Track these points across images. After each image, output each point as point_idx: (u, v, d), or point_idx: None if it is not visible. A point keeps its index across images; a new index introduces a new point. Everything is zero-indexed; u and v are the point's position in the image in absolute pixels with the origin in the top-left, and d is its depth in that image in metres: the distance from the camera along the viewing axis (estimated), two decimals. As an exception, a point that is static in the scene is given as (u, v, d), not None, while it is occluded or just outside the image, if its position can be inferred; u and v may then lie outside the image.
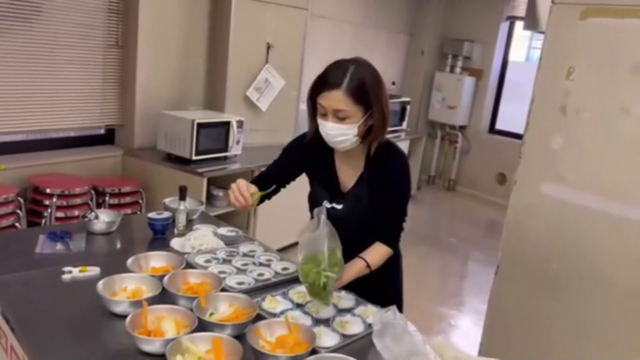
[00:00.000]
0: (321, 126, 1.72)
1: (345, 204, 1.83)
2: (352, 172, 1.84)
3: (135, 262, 1.81)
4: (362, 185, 1.81)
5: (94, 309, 1.61)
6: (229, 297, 1.64)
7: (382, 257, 1.81)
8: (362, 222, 1.82)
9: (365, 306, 1.76)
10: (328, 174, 1.88)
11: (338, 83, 1.65)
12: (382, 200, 1.79)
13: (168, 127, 3.78)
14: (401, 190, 1.82)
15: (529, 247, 2.39)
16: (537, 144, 2.34)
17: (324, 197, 1.87)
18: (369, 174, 1.81)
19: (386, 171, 1.79)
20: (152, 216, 2.22)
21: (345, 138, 1.70)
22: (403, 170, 1.81)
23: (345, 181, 1.86)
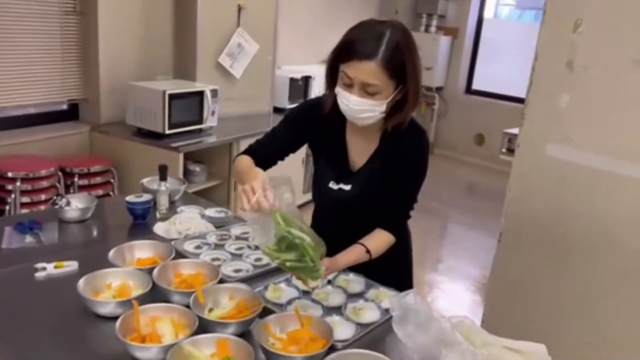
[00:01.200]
0: (342, 97, 1.49)
1: (354, 184, 1.64)
2: (365, 148, 1.64)
3: (118, 253, 1.62)
4: (375, 164, 1.62)
5: (77, 310, 1.43)
6: (229, 289, 1.47)
7: (384, 246, 1.62)
8: (373, 205, 1.63)
9: (377, 289, 1.61)
10: (337, 149, 1.67)
11: (372, 53, 1.40)
12: (393, 183, 1.61)
13: (137, 100, 3.51)
14: (417, 174, 1.62)
15: (534, 213, 2.28)
16: (542, 104, 2.21)
17: (330, 177, 1.67)
18: (384, 151, 1.62)
19: (404, 150, 1.59)
20: (131, 199, 2.01)
21: (371, 115, 1.49)
22: (423, 151, 1.62)
23: (356, 158, 1.66)
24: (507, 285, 2.41)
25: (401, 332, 1.36)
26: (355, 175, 1.65)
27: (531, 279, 2.32)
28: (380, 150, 1.62)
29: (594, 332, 2.16)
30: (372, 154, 1.63)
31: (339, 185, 1.65)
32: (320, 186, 1.69)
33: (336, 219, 1.63)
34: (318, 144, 1.72)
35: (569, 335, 2.21)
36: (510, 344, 1.32)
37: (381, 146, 1.62)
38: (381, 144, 1.62)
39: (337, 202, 1.65)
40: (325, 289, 1.59)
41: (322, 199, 1.70)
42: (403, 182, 1.61)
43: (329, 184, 1.66)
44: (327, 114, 1.60)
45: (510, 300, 2.40)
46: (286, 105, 4.82)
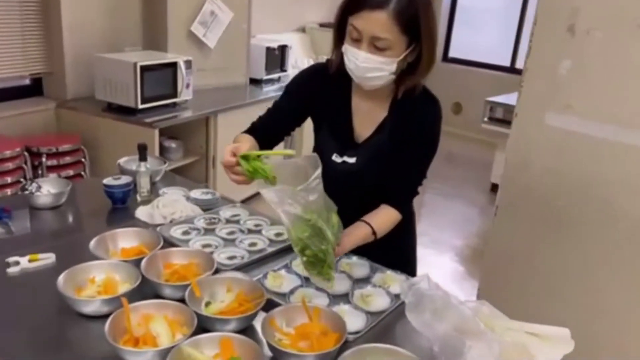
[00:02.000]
0: (349, 54, 1.37)
1: (359, 157, 1.52)
2: (372, 117, 1.52)
3: (99, 243, 1.47)
4: (383, 135, 1.50)
5: (57, 309, 1.29)
6: (227, 280, 1.34)
7: (390, 224, 1.51)
8: (380, 180, 1.52)
9: (384, 272, 1.51)
10: (341, 118, 1.54)
11: (383, 2, 1.29)
12: (402, 156, 1.49)
13: (106, 73, 3.29)
14: (428, 147, 1.51)
15: (532, 184, 2.20)
16: (541, 71, 2.11)
17: (332, 149, 1.54)
18: (393, 120, 1.50)
19: (415, 120, 1.47)
20: (109, 182, 1.85)
21: (380, 74, 1.38)
22: (435, 121, 1.50)
23: (361, 129, 1.54)
24: (504, 258, 2.35)
25: (416, 320, 1.27)
26: (360, 147, 1.52)
27: (528, 251, 2.27)
28: (389, 119, 1.50)
29: (594, 303, 2.13)
30: (379, 123, 1.51)
31: (343, 158, 1.53)
32: (321, 159, 1.56)
33: (339, 195, 1.51)
34: (320, 112, 1.58)
35: (568, 308, 2.17)
36: (532, 328, 1.25)
37: (390, 115, 1.50)
38: (390, 113, 1.50)
39: (341, 176, 1.52)
40: (328, 274, 1.48)
41: (324, 174, 1.57)
42: (412, 155, 1.49)
43: (332, 156, 1.53)
44: (332, 79, 1.49)
45: (507, 273, 2.34)
46: (263, 76, 4.63)
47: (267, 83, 4.73)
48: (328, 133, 1.55)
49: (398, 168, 1.50)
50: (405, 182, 1.53)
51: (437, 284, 1.31)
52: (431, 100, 1.49)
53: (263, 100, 4.27)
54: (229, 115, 3.84)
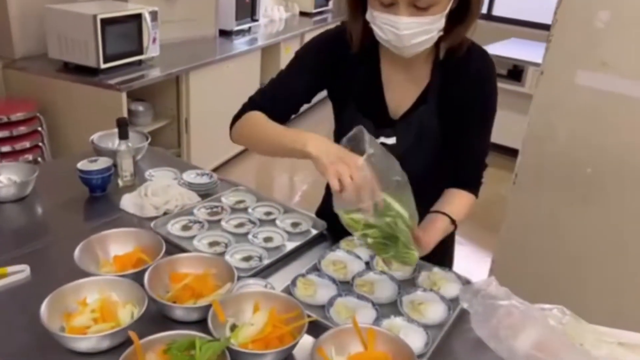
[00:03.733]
0: (384, 24, 1.11)
1: (399, 136, 1.25)
2: (409, 87, 1.26)
3: (85, 252, 1.18)
4: (429, 105, 1.24)
5: (41, 343, 1.01)
6: (254, 296, 1.09)
7: (467, 210, 1.28)
8: (426, 161, 1.27)
9: (429, 270, 1.29)
10: (370, 93, 1.27)
11: None
12: (462, 126, 1.24)
13: (60, 28, 2.85)
14: (490, 108, 1.26)
15: (557, 150, 2.01)
16: (574, 24, 1.87)
17: (367, 129, 1.26)
18: (441, 85, 1.23)
19: (470, 80, 1.22)
20: (85, 166, 1.53)
21: (427, 38, 1.12)
22: (491, 77, 1.25)
23: (397, 103, 1.27)
24: (522, 229, 2.18)
25: (487, 335, 1.06)
26: (399, 124, 1.26)
27: (551, 222, 2.10)
28: (434, 85, 1.23)
29: (623, 279, 1.99)
30: (422, 92, 1.25)
31: (380, 140, 1.25)
32: None
33: None
34: (343, 88, 1.30)
35: (592, 283, 2.04)
36: (626, 338, 1.06)
37: (435, 80, 1.23)
38: (434, 77, 1.23)
39: None
40: (366, 276, 1.25)
41: None
42: (474, 122, 1.25)
43: None
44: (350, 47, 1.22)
45: (525, 245, 2.18)
46: (233, 27, 4.24)
47: (238, 35, 4.34)
48: (357, 111, 1.27)
49: (461, 142, 1.25)
50: (474, 157, 1.29)
51: (508, 290, 1.10)
52: (482, 53, 1.24)
53: (235, 55, 3.91)
54: (200, 73, 3.48)
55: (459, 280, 1.26)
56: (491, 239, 2.98)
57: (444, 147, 1.26)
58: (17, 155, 2.70)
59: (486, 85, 1.24)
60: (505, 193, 3.57)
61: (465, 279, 1.26)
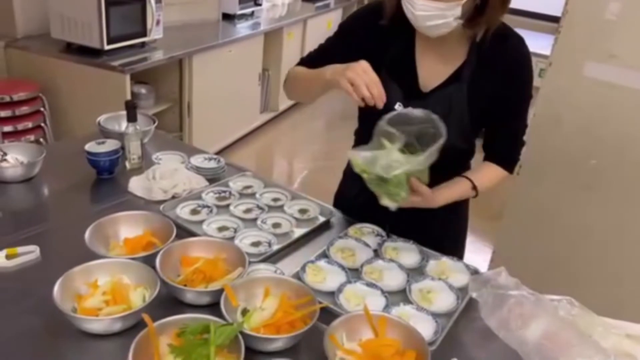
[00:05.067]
0: (406, 2, 1.15)
1: (427, 108, 1.22)
2: (443, 64, 1.27)
3: (96, 234, 1.18)
4: (460, 85, 1.25)
5: (51, 323, 1.02)
6: (264, 281, 1.10)
7: (494, 182, 1.35)
8: (451, 137, 1.22)
9: (438, 259, 1.30)
10: (403, 64, 1.29)
11: None
12: (500, 110, 1.28)
13: (63, 7, 2.82)
14: (526, 88, 1.29)
15: (562, 142, 2.02)
16: (584, 15, 1.87)
17: (395, 96, 1.27)
18: (476, 66, 1.25)
19: (506, 65, 1.24)
20: (93, 148, 1.53)
21: (443, 22, 1.14)
22: (529, 62, 1.28)
23: (428, 77, 1.29)
24: (524, 219, 2.19)
25: (496, 326, 1.07)
26: (429, 98, 1.27)
27: (553, 213, 2.11)
28: (468, 65, 1.25)
29: (624, 269, 2.01)
30: (455, 71, 1.27)
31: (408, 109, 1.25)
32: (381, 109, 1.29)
33: None
34: (379, 57, 1.30)
35: (592, 274, 2.05)
36: (634, 330, 1.07)
37: (470, 60, 1.25)
38: (470, 57, 1.25)
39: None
40: (375, 264, 1.26)
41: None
42: (512, 106, 1.29)
43: (394, 105, 1.26)
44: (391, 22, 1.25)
45: (527, 236, 2.19)
46: (236, 11, 4.20)
47: (241, 19, 4.31)
48: (389, 79, 1.28)
49: (499, 121, 1.30)
50: (511, 135, 1.34)
51: (517, 281, 1.11)
52: (517, 38, 1.26)
53: (238, 39, 3.88)
54: (203, 57, 3.46)
55: (468, 270, 1.26)
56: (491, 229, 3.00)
57: (471, 127, 1.27)
58: (19, 135, 2.68)
59: (521, 71, 1.27)
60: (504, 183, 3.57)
61: (473, 269, 1.27)
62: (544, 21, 4.99)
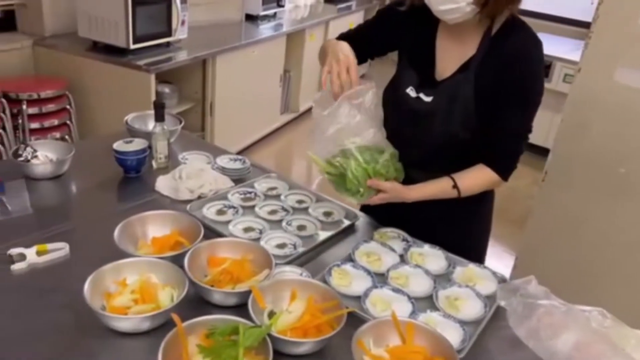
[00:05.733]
0: None
1: (436, 96, 1.27)
2: (457, 54, 1.28)
3: (125, 232, 1.19)
4: (468, 74, 1.25)
5: (80, 320, 1.03)
6: (290, 284, 1.10)
7: (480, 185, 1.30)
8: (455, 128, 1.26)
9: (465, 266, 1.29)
10: (423, 51, 1.32)
11: None
12: (498, 103, 1.24)
13: (90, 6, 2.86)
14: (530, 91, 1.24)
15: (590, 148, 1.98)
16: (616, 21, 1.84)
17: (409, 81, 1.31)
18: (482, 58, 1.24)
19: (513, 58, 1.21)
20: (121, 147, 1.54)
21: (455, 6, 1.16)
22: (536, 59, 1.24)
23: (444, 66, 1.30)
24: (549, 228, 2.16)
25: (526, 335, 1.05)
26: (439, 86, 1.28)
27: (579, 222, 2.07)
28: (477, 57, 1.25)
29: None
30: (465, 61, 1.26)
31: (419, 95, 1.29)
32: (393, 92, 1.35)
33: (405, 145, 1.28)
34: (404, 43, 1.36)
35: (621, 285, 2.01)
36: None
37: (479, 52, 1.25)
38: (480, 50, 1.25)
39: (411, 115, 1.29)
40: (401, 269, 1.25)
41: (393, 110, 1.33)
42: (511, 102, 1.24)
43: (407, 89, 1.31)
44: (418, 11, 1.28)
45: (551, 244, 2.16)
46: (259, 12, 4.21)
47: (263, 20, 4.32)
48: (408, 65, 1.33)
49: (497, 118, 1.24)
50: (507, 136, 1.27)
51: (547, 290, 1.09)
52: (529, 34, 1.24)
53: (261, 40, 3.89)
54: (226, 57, 3.47)
55: (495, 278, 1.25)
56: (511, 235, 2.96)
57: (477, 120, 1.26)
58: (45, 132, 2.72)
59: (524, 65, 1.22)
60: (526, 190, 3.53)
61: (501, 277, 1.25)
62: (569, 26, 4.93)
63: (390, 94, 1.36)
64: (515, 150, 1.28)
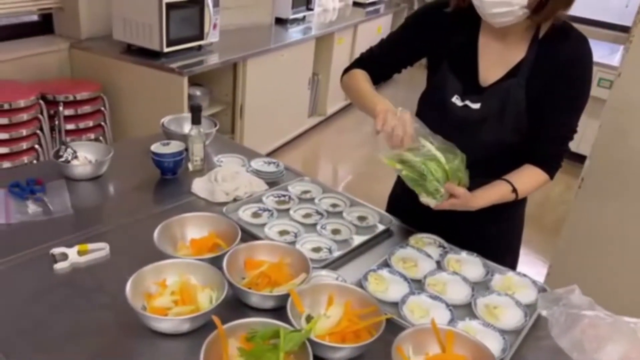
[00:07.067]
0: None
1: (484, 102, 1.26)
2: (503, 59, 1.27)
3: (164, 233, 1.21)
4: (519, 79, 1.24)
5: (120, 319, 1.04)
6: (329, 289, 1.09)
7: (534, 186, 1.30)
8: (506, 133, 1.26)
9: (503, 274, 1.27)
10: (465, 57, 1.29)
11: None
12: (549, 104, 1.24)
13: (125, 10, 2.91)
14: (580, 92, 1.25)
15: (629, 157, 1.94)
16: (658, 24, 1.80)
17: (454, 89, 1.29)
18: (534, 62, 1.23)
19: (563, 61, 1.22)
20: (158, 149, 1.56)
21: (508, 10, 1.14)
22: (588, 62, 1.24)
23: (488, 71, 1.28)
24: (585, 237, 2.11)
25: (569, 347, 1.03)
26: (486, 92, 1.27)
27: (617, 232, 2.03)
28: (527, 61, 1.24)
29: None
30: (514, 65, 1.25)
31: (465, 102, 1.27)
32: (436, 101, 1.31)
33: None
34: (441, 49, 1.33)
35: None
36: None
37: (529, 56, 1.24)
38: (529, 54, 1.24)
39: (460, 124, 1.27)
40: (438, 276, 1.23)
41: (437, 118, 1.30)
42: (561, 103, 1.25)
43: (452, 98, 1.28)
44: (457, 14, 1.26)
45: (587, 251, 2.12)
46: (289, 16, 4.23)
47: (293, 23, 4.34)
48: (449, 72, 1.30)
49: (546, 121, 1.25)
50: (555, 137, 1.28)
51: (591, 300, 1.07)
52: (580, 37, 1.23)
53: (290, 44, 3.91)
54: (256, 61, 3.50)
55: (535, 286, 1.23)
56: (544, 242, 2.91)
57: (528, 124, 1.25)
58: (80, 133, 2.78)
59: (579, 69, 1.23)
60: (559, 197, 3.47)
61: (541, 286, 1.23)
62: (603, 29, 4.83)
63: (432, 103, 1.33)
64: (563, 149, 1.30)
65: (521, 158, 1.30)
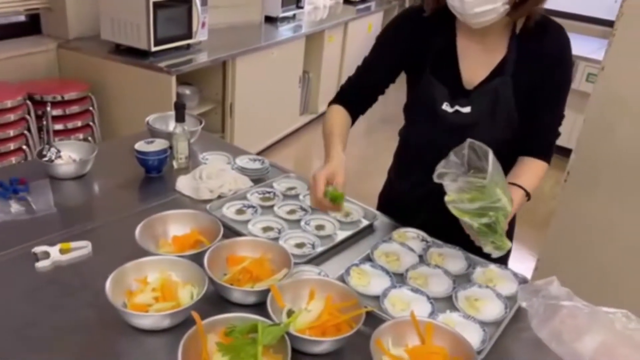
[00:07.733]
0: None
1: (474, 105, 1.26)
2: (485, 59, 1.27)
3: (146, 230, 1.21)
4: (504, 78, 1.25)
5: (102, 317, 1.04)
6: (310, 283, 1.10)
7: (540, 178, 1.31)
8: (500, 131, 1.27)
9: (485, 267, 1.28)
10: (445, 63, 1.29)
11: None
12: (539, 98, 1.26)
13: (112, 10, 2.91)
14: (565, 79, 1.28)
15: (614, 150, 1.95)
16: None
17: (442, 96, 1.28)
18: (517, 58, 1.25)
19: (547, 52, 1.24)
20: (142, 148, 1.56)
21: (492, 7, 1.13)
22: (569, 50, 1.26)
23: (472, 74, 1.28)
24: (572, 230, 2.12)
25: (548, 338, 1.04)
26: (473, 94, 1.27)
27: (603, 225, 2.04)
28: (510, 58, 1.25)
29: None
30: (497, 64, 1.26)
31: (455, 108, 1.27)
32: (426, 110, 1.31)
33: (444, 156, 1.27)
34: (420, 60, 1.32)
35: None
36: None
37: (511, 53, 1.25)
38: (510, 51, 1.25)
39: (451, 130, 1.27)
40: (420, 269, 1.24)
41: (427, 126, 1.32)
42: (550, 92, 1.27)
43: (442, 104, 1.28)
44: (429, 21, 1.27)
45: (575, 245, 2.13)
46: (279, 14, 4.23)
47: (282, 22, 4.34)
48: (432, 79, 1.30)
49: (537, 111, 1.27)
50: (548, 126, 1.31)
51: (569, 291, 1.07)
52: (558, 27, 1.25)
53: (280, 42, 3.91)
54: (246, 59, 3.50)
55: (516, 279, 1.23)
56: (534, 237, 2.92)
57: (518, 119, 1.27)
58: (69, 133, 2.77)
59: (563, 58, 1.25)
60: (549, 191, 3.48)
61: (522, 278, 1.24)
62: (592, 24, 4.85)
63: (422, 112, 1.33)
64: (555, 135, 1.32)
65: (514, 151, 1.32)
